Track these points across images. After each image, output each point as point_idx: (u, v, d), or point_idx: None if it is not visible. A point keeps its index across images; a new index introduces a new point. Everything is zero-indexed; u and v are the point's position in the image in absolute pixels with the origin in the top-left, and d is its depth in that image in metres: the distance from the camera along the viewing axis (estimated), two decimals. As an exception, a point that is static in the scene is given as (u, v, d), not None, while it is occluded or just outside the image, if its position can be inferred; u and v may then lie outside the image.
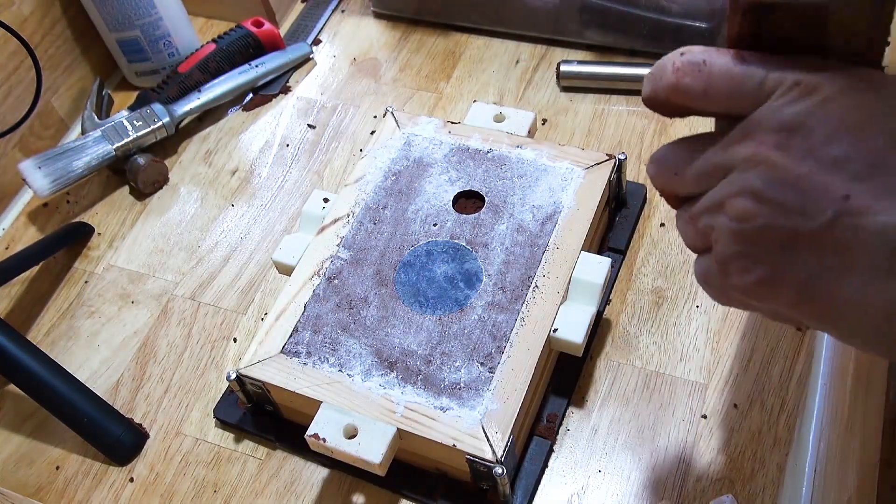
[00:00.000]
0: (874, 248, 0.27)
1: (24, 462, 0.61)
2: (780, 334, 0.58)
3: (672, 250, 0.63)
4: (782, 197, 0.28)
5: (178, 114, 0.76)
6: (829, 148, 0.27)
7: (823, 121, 0.28)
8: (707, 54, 0.31)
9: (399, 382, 0.51)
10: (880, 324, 0.28)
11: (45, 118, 0.79)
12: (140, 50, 0.80)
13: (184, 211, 0.74)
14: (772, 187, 0.28)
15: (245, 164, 0.76)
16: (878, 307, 0.27)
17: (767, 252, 0.29)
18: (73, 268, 0.71)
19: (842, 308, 0.28)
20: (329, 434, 0.49)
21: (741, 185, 0.29)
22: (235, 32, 0.80)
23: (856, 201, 0.27)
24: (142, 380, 0.63)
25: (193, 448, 0.60)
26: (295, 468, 0.57)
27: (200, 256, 0.70)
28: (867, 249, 0.27)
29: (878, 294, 0.27)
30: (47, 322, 0.68)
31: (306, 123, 0.78)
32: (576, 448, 0.55)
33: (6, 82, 0.74)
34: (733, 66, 0.30)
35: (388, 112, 0.65)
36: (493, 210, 0.58)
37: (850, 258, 0.27)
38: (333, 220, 0.60)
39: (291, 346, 0.54)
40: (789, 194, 0.28)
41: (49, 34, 0.78)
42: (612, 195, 0.62)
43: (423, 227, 0.58)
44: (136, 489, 0.58)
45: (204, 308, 0.67)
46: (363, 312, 0.54)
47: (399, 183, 0.61)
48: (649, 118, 0.72)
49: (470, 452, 0.48)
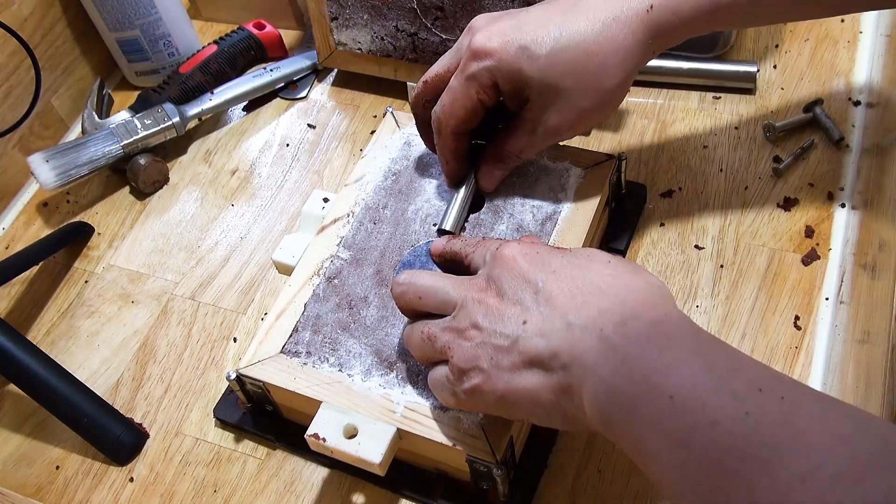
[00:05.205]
0: (526, 355, 0.41)
1: (24, 462, 0.61)
2: (780, 334, 0.58)
3: (672, 250, 0.63)
4: (492, 325, 0.42)
5: (189, 115, 0.76)
6: (511, 292, 0.42)
7: (507, 274, 0.43)
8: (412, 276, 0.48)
9: (399, 382, 0.51)
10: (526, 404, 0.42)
11: (45, 118, 0.79)
12: (140, 50, 0.80)
13: (184, 211, 0.74)
14: (486, 318, 0.42)
15: (245, 164, 0.76)
16: (530, 393, 0.41)
17: (483, 362, 0.42)
18: (73, 268, 0.71)
19: (515, 396, 0.42)
20: (329, 434, 0.49)
21: (471, 318, 0.43)
22: (237, 34, 0.80)
23: (529, 325, 0.41)
24: (142, 380, 0.63)
25: (193, 448, 0.60)
26: (295, 468, 0.57)
27: (200, 256, 0.70)
28: (522, 356, 0.41)
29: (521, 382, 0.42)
30: (47, 322, 0.68)
31: (306, 123, 0.78)
32: (576, 448, 0.55)
33: (6, 82, 0.74)
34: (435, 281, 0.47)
35: (389, 112, 0.65)
36: (493, 210, 0.58)
37: (518, 361, 0.41)
38: (333, 220, 0.60)
39: (291, 345, 0.54)
40: (497, 322, 0.42)
41: (49, 34, 0.78)
42: (612, 195, 0.62)
43: (423, 227, 0.58)
44: (136, 489, 0.58)
45: (204, 308, 0.67)
46: (363, 312, 0.54)
47: (399, 183, 0.61)
48: (649, 118, 0.72)
49: (470, 452, 0.48)
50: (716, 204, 0.66)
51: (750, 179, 0.66)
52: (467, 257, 0.48)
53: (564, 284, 0.41)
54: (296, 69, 0.80)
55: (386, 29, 0.72)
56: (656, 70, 0.72)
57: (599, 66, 0.50)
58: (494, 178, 0.57)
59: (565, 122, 0.52)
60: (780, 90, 0.72)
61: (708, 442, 0.33)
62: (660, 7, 0.49)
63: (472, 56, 0.51)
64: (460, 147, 0.55)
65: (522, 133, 0.54)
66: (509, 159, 0.56)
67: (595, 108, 0.52)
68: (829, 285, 0.60)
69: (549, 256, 0.43)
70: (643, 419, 0.36)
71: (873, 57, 0.72)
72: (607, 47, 0.49)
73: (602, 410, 0.38)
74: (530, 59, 0.50)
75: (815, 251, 0.62)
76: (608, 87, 0.50)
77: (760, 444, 0.32)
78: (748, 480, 0.32)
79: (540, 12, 0.51)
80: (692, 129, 0.70)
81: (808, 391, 0.34)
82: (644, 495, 0.53)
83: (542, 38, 0.50)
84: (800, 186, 0.65)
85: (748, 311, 0.60)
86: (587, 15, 0.50)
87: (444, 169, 0.57)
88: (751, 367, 0.36)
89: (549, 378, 0.40)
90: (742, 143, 0.69)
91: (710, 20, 0.51)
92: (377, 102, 0.78)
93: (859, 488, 0.29)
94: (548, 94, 0.51)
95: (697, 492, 0.34)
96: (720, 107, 0.72)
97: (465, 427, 0.48)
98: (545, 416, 0.42)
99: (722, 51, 0.74)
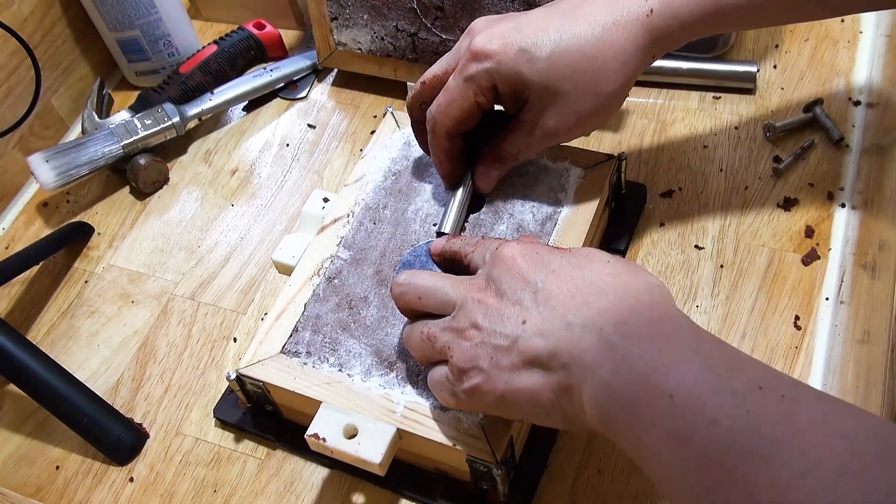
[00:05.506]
0: (525, 355, 0.41)
1: (24, 462, 0.61)
2: (780, 334, 0.58)
3: (672, 250, 0.63)
4: (491, 325, 0.42)
5: (190, 115, 0.76)
6: (511, 292, 0.42)
7: (507, 275, 0.43)
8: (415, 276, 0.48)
9: (399, 382, 0.51)
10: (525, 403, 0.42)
11: (45, 118, 0.79)
12: (140, 50, 0.80)
13: (184, 211, 0.74)
14: (486, 318, 0.42)
15: (245, 164, 0.76)
16: (526, 392, 0.41)
17: (483, 362, 0.42)
18: (73, 268, 0.71)
19: (514, 396, 0.42)
20: (329, 434, 0.49)
21: (470, 318, 0.43)
22: (237, 34, 0.80)
23: (528, 325, 0.41)
24: (142, 380, 0.63)
25: (193, 448, 0.60)
26: (295, 468, 0.57)
27: (200, 256, 0.70)
28: (521, 355, 0.41)
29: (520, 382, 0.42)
30: (47, 322, 0.68)
31: (306, 123, 0.78)
32: (576, 448, 0.55)
33: (6, 82, 0.74)
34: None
35: (389, 112, 0.65)
36: (493, 210, 0.58)
37: (518, 361, 0.41)
38: (333, 220, 0.60)
39: (291, 345, 0.54)
40: (496, 322, 0.42)
41: (49, 34, 0.78)
42: (612, 195, 0.62)
43: (422, 227, 0.58)
44: (136, 489, 0.58)
45: (204, 308, 0.67)
46: (363, 312, 0.54)
47: (399, 183, 0.61)
48: (649, 118, 0.72)
49: (470, 452, 0.48)
50: (716, 204, 0.66)
51: (750, 179, 0.66)
52: (467, 257, 0.48)
53: (564, 284, 0.41)
54: (296, 69, 0.80)
55: (386, 29, 0.72)
56: (656, 70, 0.72)
57: (599, 69, 0.50)
58: (492, 179, 0.57)
59: (563, 126, 0.52)
60: (780, 90, 0.72)
61: (708, 440, 0.33)
62: (660, 11, 0.49)
63: (472, 58, 0.51)
64: (454, 148, 0.55)
65: (520, 134, 0.54)
66: (507, 160, 0.56)
67: (593, 112, 0.52)
68: (829, 285, 0.60)
69: (549, 256, 0.43)
70: (643, 418, 0.36)
71: (873, 57, 0.72)
72: (607, 51, 0.49)
73: (602, 410, 0.38)
74: (530, 62, 0.50)
75: (815, 251, 0.62)
76: (607, 91, 0.51)
77: (760, 442, 0.32)
78: (748, 478, 0.32)
79: (540, 15, 0.51)
80: (692, 129, 0.70)
81: (808, 390, 0.34)
82: (644, 495, 0.53)
83: (542, 41, 0.50)
84: (800, 186, 0.65)
85: (748, 311, 0.60)
86: (587, 19, 0.50)
87: (438, 169, 0.57)
88: (751, 366, 0.36)
89: (548, 378, 0.40)
90: (742, 143, 0.69)
91: (711, 24, 0.51)
92: (377, 102, 0.78)
93: (859, 485, 0.29)
94: (547, 97, 0.51)
95: (697, 490, 0.34)
96: (720, 107, 0.72)
97: (465, 427, 0.48)
98: (545, 415, 0.42)
99: (722, 51, 0.74)
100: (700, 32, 0.51)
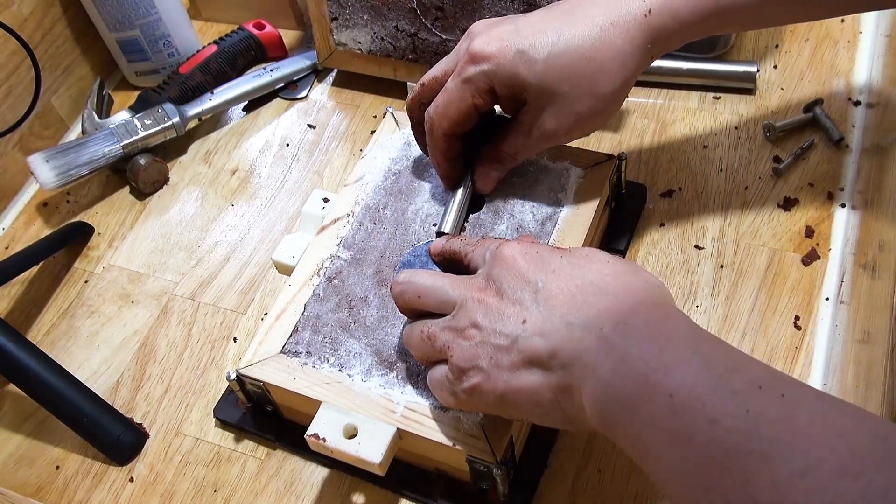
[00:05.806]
0: (525, 354, 0.41)
1: (24, 462, 0.61)
2: (780, 334, 0.58)
3: (672, 250, 0.63)
4: (491, 325, 0.42)
5: (190, 115, 0.76)
6: (511, 292, 0.42)
7: (507, 274, 0.43)
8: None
9: (399, 382, 0.51)
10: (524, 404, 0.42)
11: (45, 118, 0.79)
12: (140, 50, 0.80)
13: (184, 211, 0.74)
14: (486, 318, 0.42)
15: (245, 164, 0.76)
16: (526, 391, 0.41)
17: (483, 362, 0.42)
18: (73, 268, 0.71)
19: (514, 395, 0.42)
20: (329, 434, 0.49)
21: (470, 317, 0.43)
22: (237, 34, 0.80)
23: (528, 324, 0.41)
24: (142, 380, 0.63)
25: (193, 448, 0.60)
26: (295, 468, 0.57)
27: (200, 256, 0.70)
28: (521, 355, 0.41)
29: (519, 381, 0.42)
30: (47, 322, 0.68)
31: (306, 123, 0.78)
32: (576, 448, 0.55)
33: (6, 82, 0.74)
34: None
35: (388, 112, 0.65)
36: (493, 210, 0.58)
37: (518, 360, 0.41)
38: (333, 220, 0.60)
39: (291, 345, 0.54)
40: (496, 321, 0.42)
41: (49, 34, 0.78)
42: (612, 195, 0.62)
43: (422, 227, 0.58)
44: (136, 489, 0.58)
45: (204, 308, 0.67)
46: (363, 312, 0.54)
47: (399, 183, 0.61)
48: (649, 118, 0.72)
49: (470, 452, 0.48)
50: (716, 204, 0.66)
51: (750, 179, 0.66)
52: (466, 256, 0.48)
53: (564, 284, 0.41)
54: (296, 69, 0.80)
55: (386, 29, 0.72)
56: (656, 70, 0.72)
57: (597, 71, 0.50)
58: (491, 179, 0.57)
59: (562, 127, 0.52)
60: (780, 90, 0.72)
61: (708, 440, 0.33)
62: (659, 12, 0.49)
63: (470, 59, 0.51)
64: (452, 149, 0.55)
65: (518, 135, 0.54)
66: (505, 160, 0.56)
67: (592, 113, 0.52)
68: (829, 285, 0.60)
69: (549, 256, 0.43)
70: (643, 418, 0.36)
71: (873, 57, 0.72)
72: (605, 52, 0.49)
73: (602, 409, 0.38)
74: (528, 64, 0.50)
75: (815, 251, 0.62)
76: (605, 92, 0.50)
77: (760, 442, 0.32)
78: (748, 477, 0.32)
79: (539, 17, 0.51)
80: (692, 129, 0.70)
81: (807, 389, 0.34)
82: (644, 495, 0.53)
83: (540, 43, 0.50)
84: (800, 186, 0.65)
85: (748, 311, 0.60)
86: (585, 20, 0.50)
87: (437, 170, 0.57)
88: (750, 366, 0.36)
89: (548, 377, 0.40)
90: (742, 143, 0.69)
91: (710, 24, 0.50)
92: (377, 102, 0.78)
93: (858, 483, 0.29)
94: (545, 99, 0.51)
95: (697, 490, 0.34)
96: (720, 107, 0.72)
97: (465, 427, 0.48)
98: (545, 415, 0.42)
99: (722, 51, 0.74)
100: (699, 33, 0.51)
